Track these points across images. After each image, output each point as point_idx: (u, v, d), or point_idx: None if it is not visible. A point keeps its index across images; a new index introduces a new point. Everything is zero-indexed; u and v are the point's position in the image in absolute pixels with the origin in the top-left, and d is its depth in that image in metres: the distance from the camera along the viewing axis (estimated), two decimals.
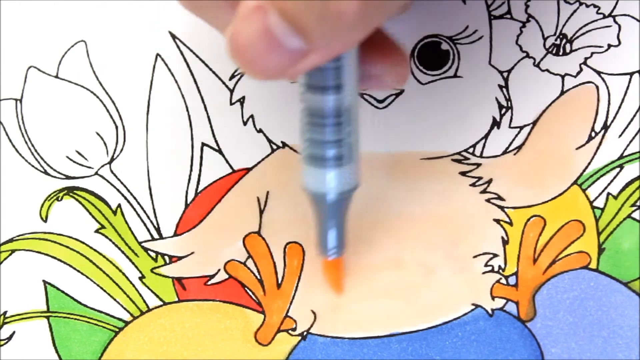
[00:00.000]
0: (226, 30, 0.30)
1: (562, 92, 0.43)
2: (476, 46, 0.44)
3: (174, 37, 0.44)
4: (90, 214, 0.43)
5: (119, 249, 0.43)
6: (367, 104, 0.43)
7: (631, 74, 0.43)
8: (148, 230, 0.43)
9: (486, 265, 0.42)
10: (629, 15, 0.44)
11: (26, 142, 0.44)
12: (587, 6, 0.44)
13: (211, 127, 0.44)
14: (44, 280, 0.43)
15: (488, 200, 0.43)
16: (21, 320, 0.42)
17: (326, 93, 0.34)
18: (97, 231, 0.43)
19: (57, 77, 0.44)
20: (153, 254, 0.43)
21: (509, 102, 0.44)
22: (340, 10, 0.28)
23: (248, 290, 0.42)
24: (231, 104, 0.44)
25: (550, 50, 0.44)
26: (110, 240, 0.43)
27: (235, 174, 0.43)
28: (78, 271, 0.43)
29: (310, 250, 0.43)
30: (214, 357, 0.42)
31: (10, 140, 0.44)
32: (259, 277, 0.42)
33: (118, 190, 0.43)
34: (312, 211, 0.39)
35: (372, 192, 0.43)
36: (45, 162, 0.43)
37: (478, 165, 0.43)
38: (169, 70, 0.44)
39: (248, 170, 0.43)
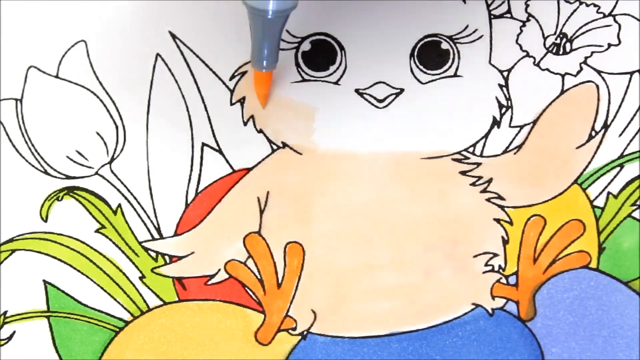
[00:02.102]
0: None
1: (562, 91, 0.43)
2: (476, 45, 0.44)
3: (174, 37, 0.44)
4: (90, 213, 0.43)
5: (119, 248, 0.43)
6: (367, 103, 0.43)
7: (631, 73, 0.43)
8: (148, 230, 0.43)
9: (486, 264, 0.42)
10: (629, 15, 0.44)
11: (26, 142, 0.44)
12: (587, 5, 0.44)
13: (211, 127, 0.44)
14: (44, 280, 0.43)
15: (488, 200, 0.43)
16: (21, 320, 0.42)
17: None
18: (97, 231, 0.43)
19: (58, 77, 0.44)
20: (153, 254, 0.43)
21: (509, 102, 0.44)
22: None
23: (248, 290, 0.42)
24: (231, 104, 0.44)
25: (550, 49, 0.44)
26: (111, 240, 0.43)
27: (235, 174, 0.44)
28: (78, 271, 0.43)
29: (311, 250, 0.43)
30: (215, 356, 0.42)
31: (10, 140, 0.44)
32: (259, 277, 0.42)
33: (118, 190, 0.43)
34: (250, 26, 0.39)
35: (372, 192, 0.43)
36: (45, 162, 0.43)
37: (478, 164, 0.43)
38: (169, 70, 0.44)
39: (248, 170, 0.43)
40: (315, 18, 0.44)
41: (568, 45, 0.44)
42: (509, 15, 0.44)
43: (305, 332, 0.42)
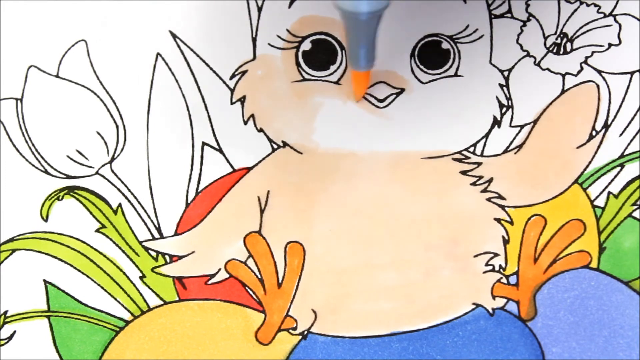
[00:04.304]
0: None
1: (563, 91, 0.43)
2: (477, 45, 0.44)
3: (174, 36, 0.44)
4: (90, 213, 0.43)
5: (120, 248, 0.43)
6: (368, 103, 0.43)
7: (632, 73, 0.43)
8: (149, 229, 0.43)
9: (487, 264, 0.42)
10: (629, 15, 0.44)
11: (27, 142, 0.44)
12: (588, 5, 0.44)
13: (212, 126, 0.44)
14: (44, 280, 0.43)
15: (489, 200, 0.43)
16: (22, 319, 0.42)
17: None
18: (97, 230, 0.43)
19: (58, 76, 0.44)
20: (154, 254, 0.43)
21: (510, 101, 0.44)
22: None
23: (249, 290, 0.42)
24: (232, 103, 0.44)
25: (550, 49, 0.44)
26: (111, 239, 0.43)
27: (235, 173, 0.44)
28: (79, 271, 0.43)
29: (311, 250, 0.43)
30: (215, 356, 0.42)
31: (10, 140, 0.44)
32: (259, 277, 0.42)
33: (119, 189, 0.43)
34: (344, 27, 0.38)
35: (372, 192, 0.43)
36: (45, 161, 0.43)
37: (479, 164, 0.43)
38: (170, 69, 0.44)
39: (249, 169, 0.43)
40: (317, 17, 0.44)
41: (568, 45, 0.44)
42: (509, 15, 0.44)
43: (305, 332, 0.42)
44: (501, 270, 0.42)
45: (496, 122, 0.43)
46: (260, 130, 0.44)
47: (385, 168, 0.43)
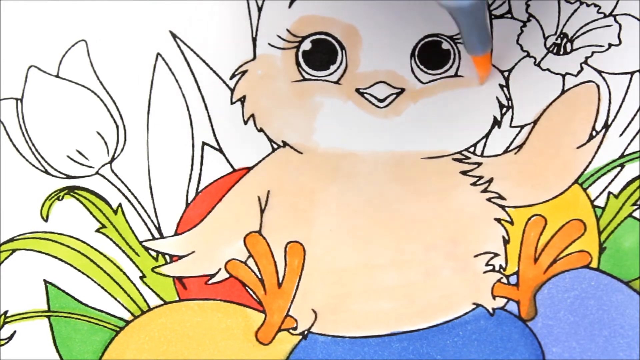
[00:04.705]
0: None
1: (563, 91, 0.44)
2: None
3: (174, 36, 0.44)
4: (91, 213, 0.43)
5: (120, 248, 0.43)
6: (368, 103, 0.43)
7: (632, 73, 0.43)
8: (149, 229, 0.43)
9: (487, 264, 0.42)
10: (629, 15, 0.44)
11: (27, 142, 0.44)
12: (588, 5, 0.44)
13: (212, 126, 0.44)
14: (44, 280, 0.43)
15: (489, 200, 0.43)
16: (22, 319, 0.42)
17: None
18: (97, 230, 0.43)
19: (58, 76, 0.44)
20: (154, 253, 0.43)
21: (510, 102, 0.44)
22: None
23: (249, 290, 0.42)
24: (232, 103, 0.44)
25: (550, 49, 0.44)
26: (111, 239, 0.43)
27: (235, 173, 0.44)
28: (79, 270, 0.43)
29: (311, 250, 0.43)
30: (215, 356, 0.42)
31: (10, 140, 0.44)
32: (259, 276, 0.42)
33: (119, 189, 0.43)
34: (454, 20, 0.39)
35: (373, 192, 0.43)
36: (46, 161, 0.43)
37: (479, 164, 0.43)
38: (170, 69, 0.44)
39: (249, 169, 0.43)
40: (317, 17, 0.44)
41: (569, 45, 0.44)
42: (509, 15, 0.44)
43: (305, 332, 0.42)
44: (501, 270, 0.42)
45: (496, 122, 0.43)
46: (260, 130, 0.44)
47: (385, 168, 0.43)
